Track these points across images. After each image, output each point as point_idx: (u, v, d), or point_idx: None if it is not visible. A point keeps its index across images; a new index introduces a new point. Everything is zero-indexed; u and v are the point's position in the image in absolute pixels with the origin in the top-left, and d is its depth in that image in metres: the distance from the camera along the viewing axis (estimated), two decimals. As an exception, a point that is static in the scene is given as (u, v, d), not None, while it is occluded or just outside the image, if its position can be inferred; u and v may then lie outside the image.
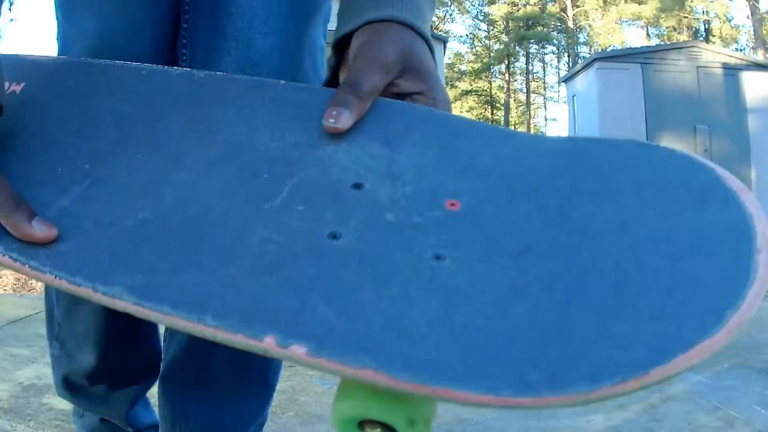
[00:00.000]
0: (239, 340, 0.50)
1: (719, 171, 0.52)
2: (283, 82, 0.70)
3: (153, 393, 1.23)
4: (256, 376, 1.11)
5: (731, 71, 10.75)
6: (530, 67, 47.46)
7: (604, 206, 0.51)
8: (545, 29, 43.54)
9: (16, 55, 0.81)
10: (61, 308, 1.13)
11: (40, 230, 0.62)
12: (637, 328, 0.44)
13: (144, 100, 0.72)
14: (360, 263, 0.52)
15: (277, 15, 0.95)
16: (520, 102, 47.18)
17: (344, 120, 0.62)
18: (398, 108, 0.66)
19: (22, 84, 0.76)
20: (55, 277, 0.58)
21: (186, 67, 0.99)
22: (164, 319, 0.53)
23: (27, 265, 0.60)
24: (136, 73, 0.75)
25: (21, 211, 0.63)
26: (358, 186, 0.58)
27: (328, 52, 0.82)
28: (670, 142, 10.42)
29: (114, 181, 0.65)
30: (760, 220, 0.46)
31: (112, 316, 1.07)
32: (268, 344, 0.49)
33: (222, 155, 0.64)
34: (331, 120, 0.62)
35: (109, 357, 1.13)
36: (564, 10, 42.34)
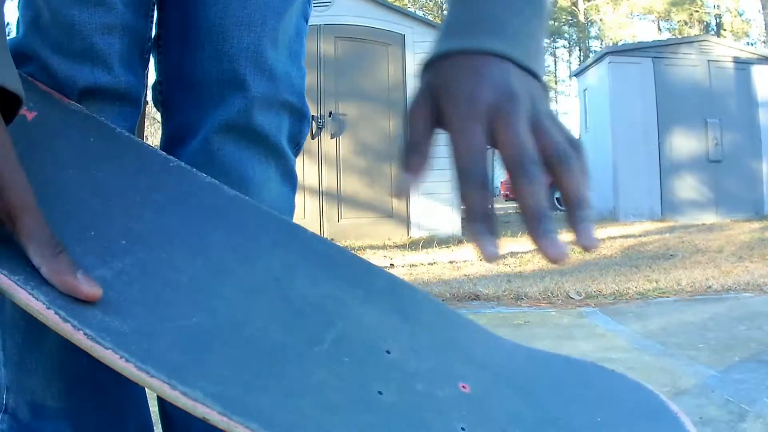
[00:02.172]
0: None
1: (664, 397, 0.66)
2: (310, 232, 0.73)
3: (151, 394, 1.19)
4: None
5: (742, 65, 10.70)
6: (541, 61, 47.22)
7: (580, 413, 0.63)
8: (556, 23, 43.34)
9: (25, 77, 0.74)
10: (9, 365, 0.86)
11: (87, 285, 0.54)
12: None
13: (174, 195, 0.70)
14: (406, 423, 0.56)
15: (254, 3, 0.88)
16: (531, 96, 46.97)
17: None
18: (411, 292, 0.72)
19: (34, 113, 0.68)
20: (121, 358, 0.52)
21: (161, 63, 0.94)
22: None
23: (82, 332, 0.53)
24: (162, 163, 0.73)
25: (63, 258, 0.55)
26: (388, 352, 0.63)
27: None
28: (681, 135, 10.39)
29: (159, 271, 0.61)
30: None
31: (83, 369, 0.85)
32: None
33: (263, 284, 0.65)
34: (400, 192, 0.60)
35: (87, 419, 0.88)
36: (575, 3, 42.13)
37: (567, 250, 0.55)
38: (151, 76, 0.96)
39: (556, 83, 47.21)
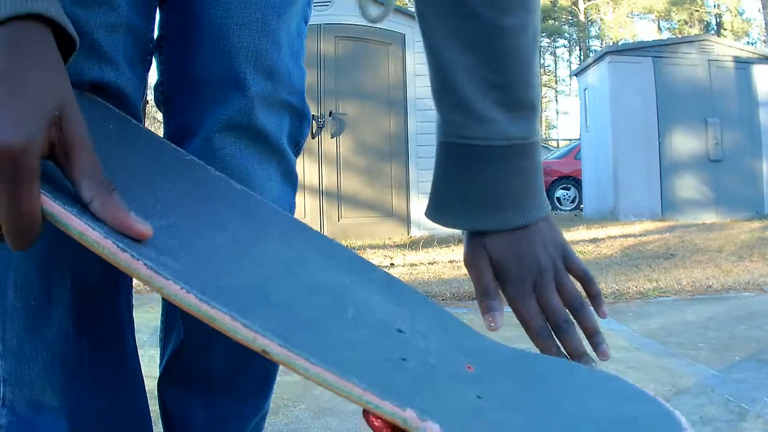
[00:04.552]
0: (385, 406, 0.54)
1: (669, 406, 0.67)
2: (314, 229, 0.79)
3: (151, 390, 1.18)
4: (256, 371, 1.03)
5: (742, 64, 10.69)
6: (541, 61, 47.28)
7: (569, 400, 0.67)
8: (556, 22, 43.35)
9: None
10: (8, 357, 0.83)
11: (141, 222, 0.55)
12: None
13: (189, 183, 0.73)
14: (432, 388, 0.59)
15: (255, 3, 0.90)
16: (531, 95, 46.97)
17: (499, 320, 0.83)
18: (406, 288, 0.79)
19: None
20: (182, 288, 0.52)
21: (163, 63, 0.95)
22: (311, 369, 0.53)
23: (141, 262, 0.53)
24: (177, 157, 0.76)
25: (116, 195, 0.56)
26: (400, 331, 0.67)
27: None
28: (681, 135, 10.39)
29: (192, 235, 0.62)
30: None
31: (83, 361, 0.84)
32: (409, 416, 0.54)
33: (281, 264, 0.68)
34: (492, 324, 0.82)
35: (85, 414, 0.86)
36: (575, 3, 42.11)
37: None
38: (153, 77, 0.96)
39: (556, 83, 47.21)
